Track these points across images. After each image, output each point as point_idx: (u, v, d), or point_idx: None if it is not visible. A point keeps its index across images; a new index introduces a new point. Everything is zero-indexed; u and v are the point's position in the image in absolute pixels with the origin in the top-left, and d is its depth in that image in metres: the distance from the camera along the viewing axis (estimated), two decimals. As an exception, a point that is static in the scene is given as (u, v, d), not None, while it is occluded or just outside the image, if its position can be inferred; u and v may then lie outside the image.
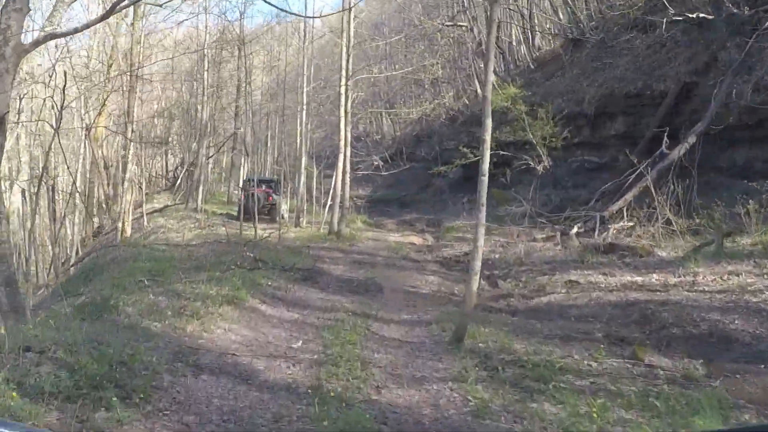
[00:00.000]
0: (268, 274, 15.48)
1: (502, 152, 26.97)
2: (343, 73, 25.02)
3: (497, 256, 19.81)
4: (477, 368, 8.76)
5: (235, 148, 36.99)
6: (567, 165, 27.53)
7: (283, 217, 29.54)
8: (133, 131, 26.31)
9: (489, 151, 10.93)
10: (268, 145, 46.90)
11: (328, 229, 25.03)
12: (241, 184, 33.17)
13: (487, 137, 10.78)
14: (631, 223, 19.32)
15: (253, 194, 27.14)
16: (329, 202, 26.72)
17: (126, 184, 25.89)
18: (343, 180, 24.64)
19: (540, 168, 25.64)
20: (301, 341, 10.16)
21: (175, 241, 23.81)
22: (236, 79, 39.12)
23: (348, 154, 25.01)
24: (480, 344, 10.17)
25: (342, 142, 24.68)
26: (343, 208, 24.65)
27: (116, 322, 9.78)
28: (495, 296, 15.66)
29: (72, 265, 25.37)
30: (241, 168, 42.26)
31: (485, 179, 10.61)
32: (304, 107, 30.75)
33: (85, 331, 8.24)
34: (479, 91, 40.90)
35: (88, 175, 34.17)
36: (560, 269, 16.34)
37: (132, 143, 27.05)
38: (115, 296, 11.69)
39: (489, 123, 10.79)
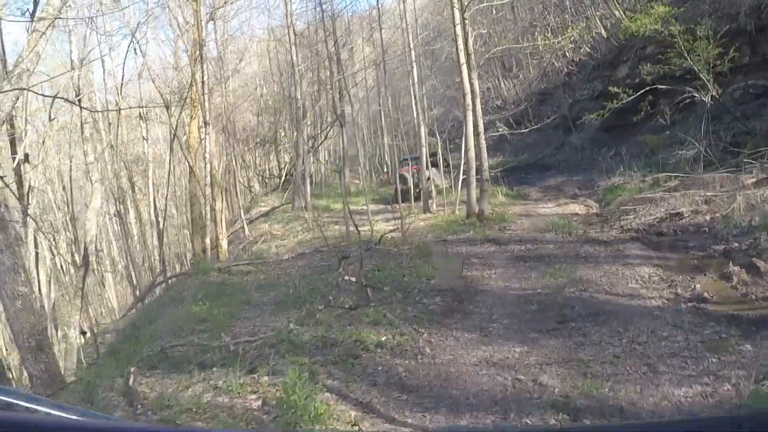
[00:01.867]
0: (382, 315, 8.05)
1: (659, 86, 20.45)
2: (456, 3, 17.44)
3: (708, 217, 12.74)
4: None
5: (343, 131, 29.72)
6: (728, 94, 20.39)
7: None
8: (207, 123, 19.55)
9: None
10: (383, 123, 39.36)
11: (466, 210, 17.49)
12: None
13: None
14: None
15: (402, 176, 24.38)
16: (461, 177, 19.22)
17: (207, 190, 19.15)
18: (477, 144, 16.97)
19: (708, 99, 18.62)
20: None
21: (272, 254, 17.32)
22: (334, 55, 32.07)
23: (478, 109, 17.28)
24: None
25: (468, 96, 17.07)
26: (483, 182, 16.96)
27: None
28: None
29: (132, 306, 19.10)
30: (359, 153, 35.44)
31: None
32: (414, 63, 23.26)
33: None
34: (604, 33, 33.33)
35: (187, 187, 28.10)
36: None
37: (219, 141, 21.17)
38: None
39: None
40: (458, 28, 17.56)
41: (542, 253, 12.08)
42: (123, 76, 26.69)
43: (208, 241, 19.68)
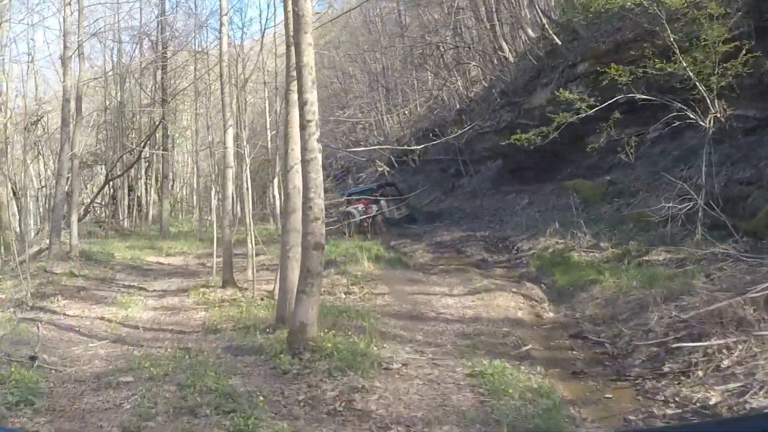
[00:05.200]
0: None
1: (643, 97, 11.39)
2: None
3: None
4: None
5: (166, 150, 18.50)
6: (695, 129, 12.21)
7: None
8: None
9: None
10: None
11: (276, 309, 6.71)
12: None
13: None
14: None
15: (348, 212, 20.23)
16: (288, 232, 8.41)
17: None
18: (304, 155, 6.02)
19: (709, 124, 10.44)
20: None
21: None
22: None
23: (310, 69, 6.12)
24: None
25: (292, 51, 6.39)
26: (309, 251, 5.74)
27: None
28: None
29: None
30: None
31: None
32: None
33: None
34: (510, 56, 25.67)
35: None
36: None
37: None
38: None
39: None
40: None
41: None
42: None
43: None
